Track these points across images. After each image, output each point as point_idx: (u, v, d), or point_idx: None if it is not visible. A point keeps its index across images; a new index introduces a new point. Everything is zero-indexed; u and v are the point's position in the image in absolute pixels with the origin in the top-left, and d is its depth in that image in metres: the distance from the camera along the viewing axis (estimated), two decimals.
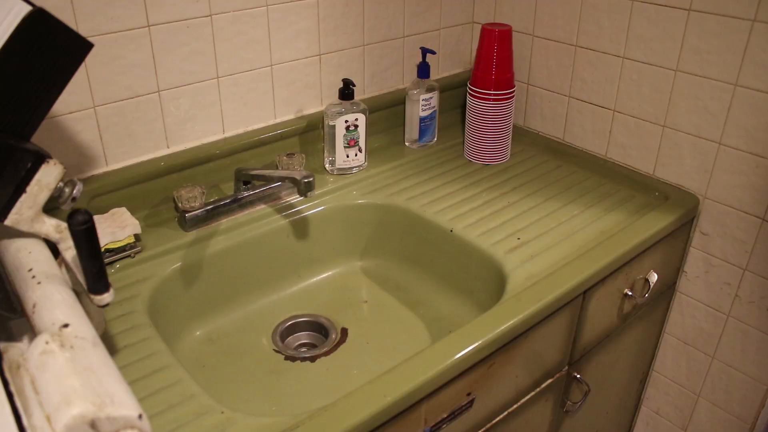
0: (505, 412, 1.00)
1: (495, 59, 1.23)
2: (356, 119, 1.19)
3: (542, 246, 1.04)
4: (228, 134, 1.16)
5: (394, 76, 1.36)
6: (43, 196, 0.66)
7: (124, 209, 1.01)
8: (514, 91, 1.26)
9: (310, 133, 1.23)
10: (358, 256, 1.21)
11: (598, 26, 1.21)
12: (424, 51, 1.29)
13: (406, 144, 1.36)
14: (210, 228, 1.07)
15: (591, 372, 1.17)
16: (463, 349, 0.83)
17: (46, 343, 0.49)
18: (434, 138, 1.37)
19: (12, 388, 0.47)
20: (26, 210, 0.65)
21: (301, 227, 1.15)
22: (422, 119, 1.32)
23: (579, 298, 1.01)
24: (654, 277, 1.15)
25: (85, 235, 0.58)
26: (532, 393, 1.03)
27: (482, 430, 0.98)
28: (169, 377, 0.79)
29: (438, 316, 1.10)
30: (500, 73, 1.24)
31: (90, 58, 0.75)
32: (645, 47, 1.16)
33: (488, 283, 1.05)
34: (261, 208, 1.13)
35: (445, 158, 1.32)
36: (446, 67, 1.45)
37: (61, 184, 0.67)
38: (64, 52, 0.66)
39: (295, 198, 1.16)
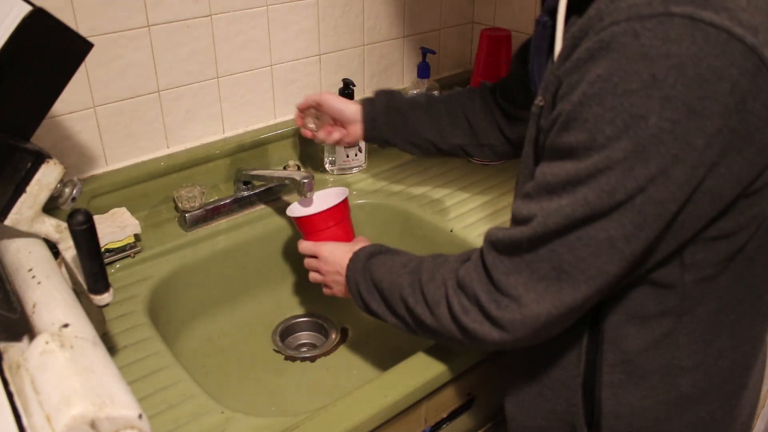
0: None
1: (494, 65, 1.23)
2: None
3: None
4: (228, 134, 1.16)
5: (394, 76, 1.36)
6: (43, 196, 0.66)
7: (124, 209, 1.01)
8: None
9: None
10: None
11: None
12: (424, 51, 1.29)
13: None
14: (210, 228, 1.07)
15: None
16: (464, 349, 0.83)
17: (46, 343, 0.49)
18: None
19: (12, 388, 0.47)
20: (26, 210, 0.65)
21: None
22: None
23: None
24: None
25: (85, 235, 0.58)
26: None
27: (482, 430, 0.98)
28: (169, 377, 0.79)
29: None
30: (500, 78, 1.23)
31: (90, 58, 0.75)
32: None
33: None
34: (261, 208, 1.13)
35: (444, 158, 1.31)
36: (446, 67, 1.45)
37: (60, 184, 0.67)
38: (64, 52, 0.66)
39: (294, 198, 1.16)
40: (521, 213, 0.61)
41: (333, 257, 0.87)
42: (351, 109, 0.99)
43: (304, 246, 0.93)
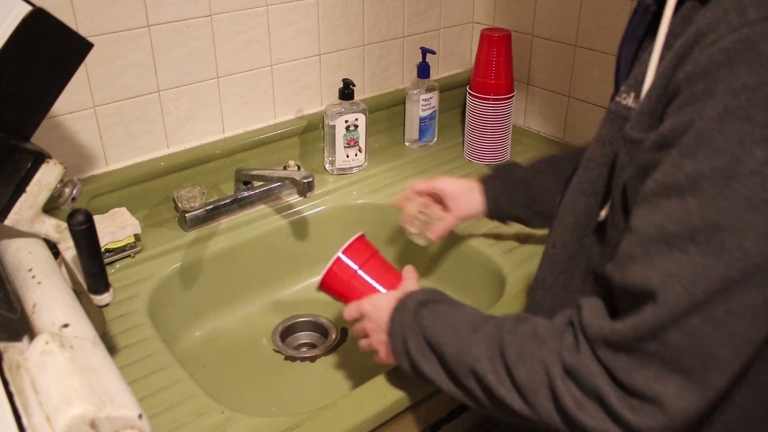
0: None
1: (494, 64, 1.23)
2: (356, 119, 1.19)
3: (541, 246, 1.04)
4: (228, 134, 1.16)
5: (394, 76, 1.36)
6: (43, 196, 0.66)
7: (124, 209, 1.01)
8: (513, 95, 1.26)
9: (310, 133, 1.23)
10: None
11: (598, 26, 1.21)
12: (424, 51, 1.29)
13: (406, 144, 1.36)
14: (210, 228, 1.07)
15: None
16: None
17: (46, 343, 0.49)
18: (434, 138, 1.37)
19: (12, 388, 0.47)
20: (26, 210, 0.65)
21: (301, 227, 1.15)
22: (422, 119, 1.32)
23: None
24: None
25: (84, 235, 0.58)
26: None
27: (482, 430, 0.98)
28: (169, 377, 0.79)
29: None
30: (500, 78, 1.24)
31: (90, 58, 0.75)
32: None
33: (487, 283, 1.05)
34: (261, 208, 1.13)
35: (445, 158, 1.32)
36: (446, 67, 1.45)
37: (60, 184, 0.67)
38: (64, 52, 0.66)
39: (294, 198, 1.16)
40: (634, 283, 0.48)
41: (376, 311, 0.72)
42: (475, 198, 0.90)
43: (347, 310, 0.78)
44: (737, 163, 0.43)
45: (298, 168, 1.16)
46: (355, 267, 0.81)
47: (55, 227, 0.68)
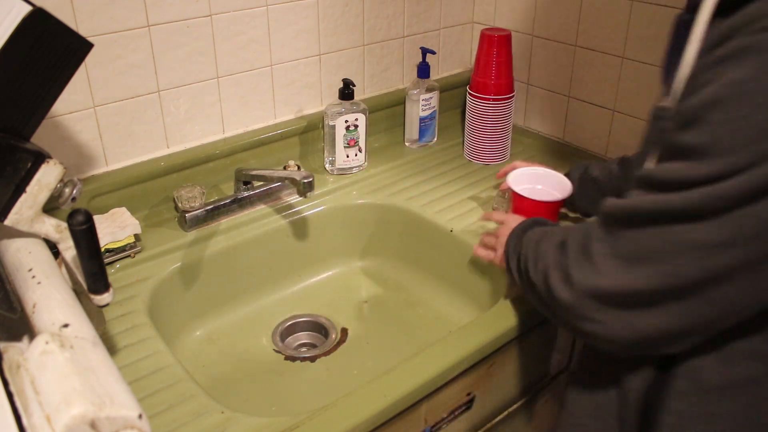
0: (505, 412, 1.00)
1: (494, 65, 1.23)
2: (356, 119, 1.19)
3: None
4: (228, 134, 1.16)
5: (394, 76, 1.36)
6: (43, 196, 0.66)
7: (124, 209, 1.01)
8: (513, 95, 1.26)
9: (310, 133, 1.23)
10: (358, 256, 1.21)
11: (598, 26, 1.21)
12: (424, 51, 1.29)
13: (406, 144, 1.36)
14: (210, 228, 1.07)
15: None
16: (463, 349, 0.83)
17: (46, 343, 0.49)
18: (434, 138, 1.37)
19: (12, 388, 0.47)
20: (26, 210, 0.65)
21: (301, 227, 1.15)
22: (422, 119, 1.32)
23: None
24: None
25: (84, 235, 0.58)
26: (532, 393, 1.03)
27: (482, 430, 0.98)
28: (169, 377, 0.79)
29: (438, 316, 1.10)
30: (500, 78, 1.24)
31: (90, 58, 0.75)
32: (645, 47, 1.16)
33: (488, 283, 1.05)
34: (261, 208, 1.13)
35: (445, 158, 1.32)
36: (446, 67, 1.45)
37: (60, 184, 0.67)
38: (64, 52, 0.66)
39: (294, 198, 1.16)
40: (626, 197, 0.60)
41: (510, 222, 0.88)
42: None
43: (496, 215, 0.96)
44: (713, 143, 0.51)
45: (298, 168, 1.16)
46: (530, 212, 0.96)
47: (55, 227, 0.68)
